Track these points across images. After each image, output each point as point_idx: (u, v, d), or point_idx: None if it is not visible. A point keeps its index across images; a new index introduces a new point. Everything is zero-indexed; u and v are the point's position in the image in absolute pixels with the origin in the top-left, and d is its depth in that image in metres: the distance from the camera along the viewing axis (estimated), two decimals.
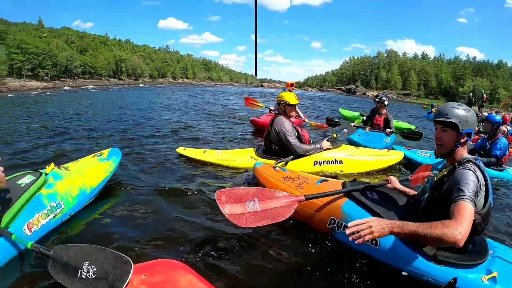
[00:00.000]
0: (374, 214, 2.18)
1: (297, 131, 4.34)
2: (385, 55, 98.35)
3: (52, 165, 2.82)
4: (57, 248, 1.86)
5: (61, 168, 2.98)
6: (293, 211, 2.31)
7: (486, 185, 1.91)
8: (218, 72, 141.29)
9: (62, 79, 57.71)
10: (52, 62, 55.06)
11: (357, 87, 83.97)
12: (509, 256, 2.03)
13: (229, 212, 2.17)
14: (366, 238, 1.66)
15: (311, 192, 2.54)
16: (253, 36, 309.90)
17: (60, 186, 2.69)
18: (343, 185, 2.60)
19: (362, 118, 11.79)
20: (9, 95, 24.92)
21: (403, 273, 2.00)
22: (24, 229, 2.20)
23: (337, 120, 8.07)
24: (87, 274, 1.72)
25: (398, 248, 2.02)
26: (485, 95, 20.43)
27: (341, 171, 4.34)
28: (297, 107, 7.41)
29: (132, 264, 1.70)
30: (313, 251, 2.34)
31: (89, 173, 3.12)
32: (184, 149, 4.87)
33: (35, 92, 30.10)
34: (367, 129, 6.79)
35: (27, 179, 2.45)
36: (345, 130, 5.73)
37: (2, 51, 47.12)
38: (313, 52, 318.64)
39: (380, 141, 6.32)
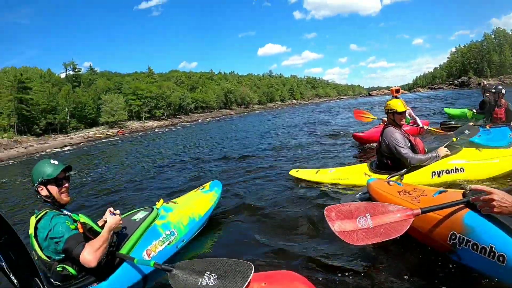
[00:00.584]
0: (502, 226, 1.89)
1: (410, 140, 3.99)
2: (493, 36, 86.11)
3: (162, 200, 3.20)
4: (179, 263, 2.09)
5: (169, 202, 3.35)
6: (409, 226, 2.15)
7: None
8: (324, 87, 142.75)
9: (177, 116, 64.41)
10: (166, 103, 61.74)
11: (470, 78, 76.00)
12: None
13: (338, 229, 2.10)
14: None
15: (428, 205, 2.29)
16: (352, 45, 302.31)
17: (172, 217, 3.02)
18: (464, 194, 2.27)
19: (473, 112, 10.49)
20: (133, 136, 28.77)
21: None
22: (143, 255, 2.51)
23: (453, 123, 7.35)
24: (208, 282, 1.87)
25: None
26: None
27: (464, 179, 3.81)
28: (413, 113, 7.00)
29: (253, 267, 1.83)
30: (435, 270, 2.17)
31: (195, 204, 3.44)
32: (297, 171, 4.99)
33: (155, 130, 34.26)
34: (487, 126, 5.98)
35: (140, 215, 2.82)
36: (467, 132, 5.10)
37: (121, 99, 53.79)
38: (417, 49, 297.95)
39: (504, 137, 5.55)
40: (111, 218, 2.27)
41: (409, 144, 3.93)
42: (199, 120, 50.55)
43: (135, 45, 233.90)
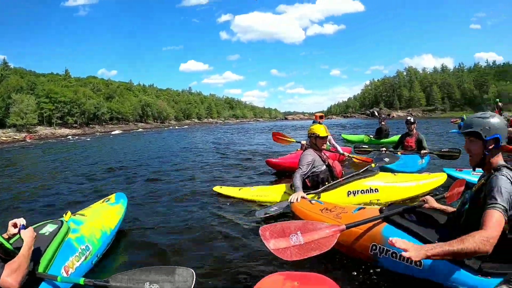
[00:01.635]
0: (415, 235, 2.22)
1: (328, 163, 4.36)
2: (405, 73, 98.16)
3: (69, 213, 3.00)
4: (114, 276, 1.98)
5: (76, 215, 3.17)
6: (336, 240, 2.36)
7: None
8: (242, 109, 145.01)
9: (91, 125, 60.34)
10: (80, 110, 57.63)
11: (380, 109, 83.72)
12: None
13: (273, 247, 2.22)
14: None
15: (349, 221, 2.57)
16: (273, 70, 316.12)
17: (84, 230, 2.87)
18: (381, 210, 2.64)
19: (369, 137, 11.96)
20: (43, 142, 26.20)
21: None
22: (62, 272, 2.29)
23: (366, 147, 7.82)
24: None
25: (442, 265, 2.03)
26: (500, 104, 19.90)
27: (377, 200, 4.18)
28: (335, 142, 7.26)
29: (194, 273, 1.88)
30: (359, 277, 2.40)
31: (104, 217, 3.33)
32: (221, 187, 5.11)
33: (68, 138, 31.62)
34: (398, 152, 6.46)
35: (49, 228, 2.58)
36: (386, 159, 5.55)
37: (33, 100, 49.47)
38: (334, 79, 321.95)
39: (414, 164, 6.08)
40: (27, 233, 2.01)
41: (324, 167, 4.31)
42: (114, 132, 48.00)
43: (55, 43, 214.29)
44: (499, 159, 2.02)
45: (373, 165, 4.90)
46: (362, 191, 4.21)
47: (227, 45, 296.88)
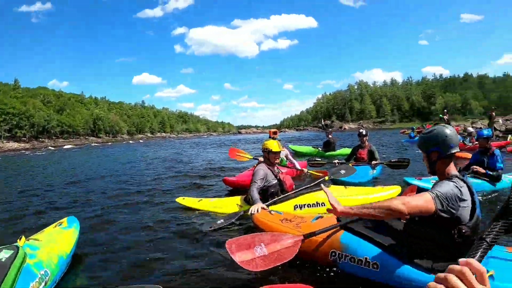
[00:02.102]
0: (372, 241, 2.40)
1: (279, 178, 4.52)
2: (356, 87, 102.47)
3: (24, 238, 2.92)
4: None
5: (30, 240, 3.09)
6: (298, 250, 2.50)
7: (473, 199, 2.12)
8: (195, 123, 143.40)
9: (40, 139, 57.08)
10: (29, 123, 54.41)
11: (333, 122, 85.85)
12: (502, 254, 2.26)
13: (239, 259, 2.32)
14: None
15: (309, 230, 2.73)
16: (226, 84, 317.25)
17: (41, 255, 2.80)
18: (338, 218, 2.78)
19: (318, 149, 12.30)
20: None
21: None
22: None
23: (319, 160, 7.97)
24: None
25: (397, 267, 2.22)
26: (445, 117, 21.74)
27: (324, 213, 4.07)
28: (292, 157, 7.19)
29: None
30: (318, 279, 2.54)
31: (59, 241, 3.26)
32: (183, 198, 5.14)
33: (14, 154, 29.61)
34: (350, 164, 6.61)
35: (5, 254, 2.49)
36: (342, 172, 5.57)
37: None
38: (287, 93, 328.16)
39: (365, 174, 6.25)
40: None
41: (275, 181, 4.47)
42: (66, 146, 45.73)
43: (5, 50, 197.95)
44: (451, 169, 2.24)
45: (326, 178, 5.05)
46: (309, 205, 4.31)
47: (181, 58, 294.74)
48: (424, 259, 2.15)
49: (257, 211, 3.74)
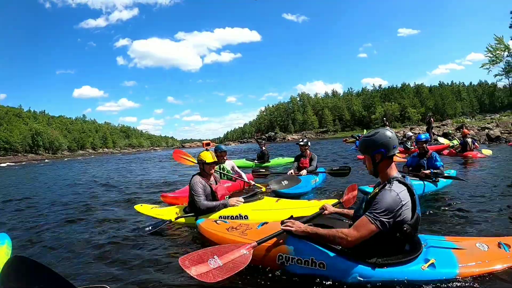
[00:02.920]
0: (317, 243, 2.54)
1: (211, 188, 4.56)
2: (298, 98, 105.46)
3: None
4: None
5: None
6: (251, 257, 2.60)
7: (413, 200, 2.31)
8: (138, 138, 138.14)
9: None
10: None
11: (276, 133, 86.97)
12: (440, 243, 2.57)
13: (195, 273, 2.35)
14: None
15: (255, 236, 2.86)
16: (169, 98, 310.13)
17: None
18: (282, 223, 2.83)
19: (254, 162, 12.61)
20: None
21: (352, 283, 2.35)
22: None
23: (263, 171, 8.12)
24: None
25: (344, 264, 2.39)
26: (386, 122, 24.06)
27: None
28: (238, 169, 7.12)
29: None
30: (269, 283, 2.67)
31: None
32: (141, 205, 5.16)
33: None
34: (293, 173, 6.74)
35: None
36: (284, 182, 5.59)
37: None
38: (230, 106, 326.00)
39: (308, 184, 6.32)
40: None
41: (209, 192, 4.55)
42: (3, 164, 42.17)
43: None
44: (392, 171, 2.45)
45: (263, 189, 5.11)
46: (232, 217, 4.27)
47: (123, 71, 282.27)
48: (369, 255, 2.36)
49: (238, 202, 4.30)
